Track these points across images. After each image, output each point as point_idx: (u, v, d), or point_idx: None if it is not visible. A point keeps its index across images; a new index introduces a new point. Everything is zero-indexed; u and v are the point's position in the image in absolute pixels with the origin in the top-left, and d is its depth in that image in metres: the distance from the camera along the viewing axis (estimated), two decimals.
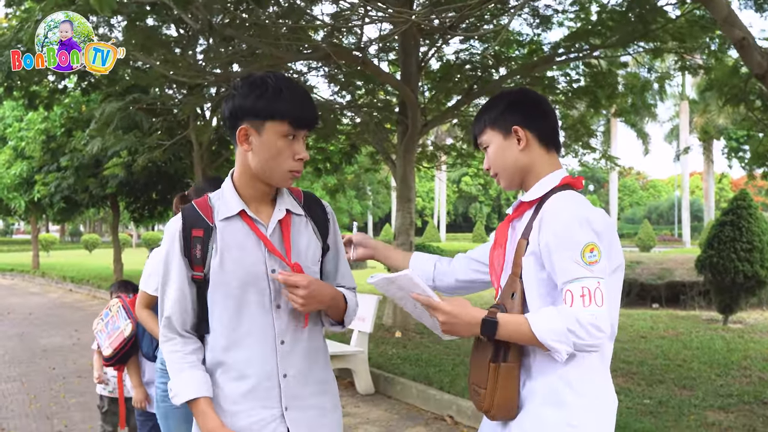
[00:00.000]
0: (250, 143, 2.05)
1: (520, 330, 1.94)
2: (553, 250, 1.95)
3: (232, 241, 2.08)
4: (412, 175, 10.54)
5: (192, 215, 2.13)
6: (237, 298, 2.07)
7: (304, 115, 2.06)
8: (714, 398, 6.28)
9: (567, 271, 1.92)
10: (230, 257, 2.07)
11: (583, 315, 1.86)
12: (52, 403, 6.84)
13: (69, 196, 18.37)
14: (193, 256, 2.09)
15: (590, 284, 1.89)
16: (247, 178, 2.12)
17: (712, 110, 36.22)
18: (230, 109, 2.07)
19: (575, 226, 1.94)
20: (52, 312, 14.78)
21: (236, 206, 2.10)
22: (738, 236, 10.60)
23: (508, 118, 2.15)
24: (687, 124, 40.86)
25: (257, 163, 2.07)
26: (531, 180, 2.16)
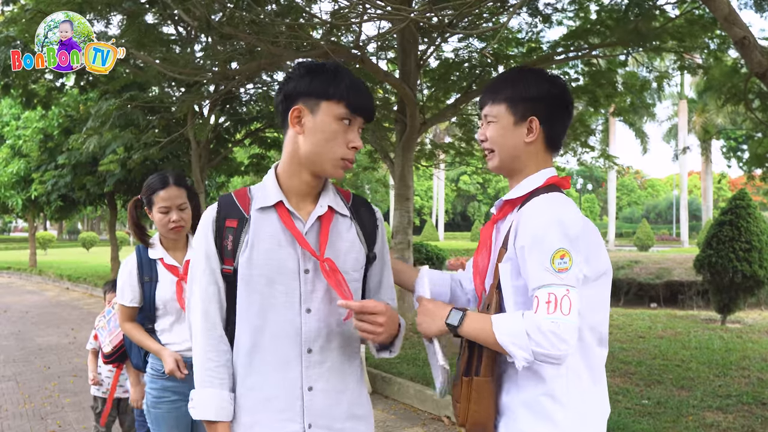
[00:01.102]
0: (303, 125, 1.93)
1: (483, 328, 1.86)
2: (527, 255, 1.86)
3: (265, 233, 1.94)
4: (410, 174, 10.51)
5: (228, 204, 2.00)
6: (263, 296, 1.93)
7: (361, 101, 1.94)
8: (712, 399, 6.25)
9: (536, 278, 1.83)
10: (260, 250, 1.92)
11: (544, 322, 1.76)
12: (47, 403, 6.80)
13: (66, 194, 18.36)
14: (224, 248, 1.95)
15: (558, 291, 1.79)
16: (294, 167, 1.98)
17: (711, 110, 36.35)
18: (285, 92, 1.96)
19: (547, 231, 1.84)
20: (48, 310, 14.74)
21: (274, 197, 1.97)
22: (737, 236, 10.58)
23: (530, 106, 2.03)
24: (686, 123, 40.86)
25: (308, 147, 1.93)
26: (520, 174, 2.06)
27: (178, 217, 3.20)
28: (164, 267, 3.24)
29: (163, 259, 3.25)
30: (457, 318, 1.92)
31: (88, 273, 20.17)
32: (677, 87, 38.94)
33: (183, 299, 3.16)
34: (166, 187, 3.19)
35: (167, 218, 3.19)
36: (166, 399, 3.19)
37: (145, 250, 3.28)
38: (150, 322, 3.23)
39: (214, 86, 12.32)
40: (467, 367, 1.95)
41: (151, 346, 3.19)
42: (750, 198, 11.12)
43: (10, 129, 21.01)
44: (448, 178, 67.91)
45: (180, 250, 3.32)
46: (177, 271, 3.23)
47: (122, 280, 3.26)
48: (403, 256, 10.16)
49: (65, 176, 17.26)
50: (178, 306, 3.18)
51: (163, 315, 3.22)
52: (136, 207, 3.36)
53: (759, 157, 9.08)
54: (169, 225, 3.19)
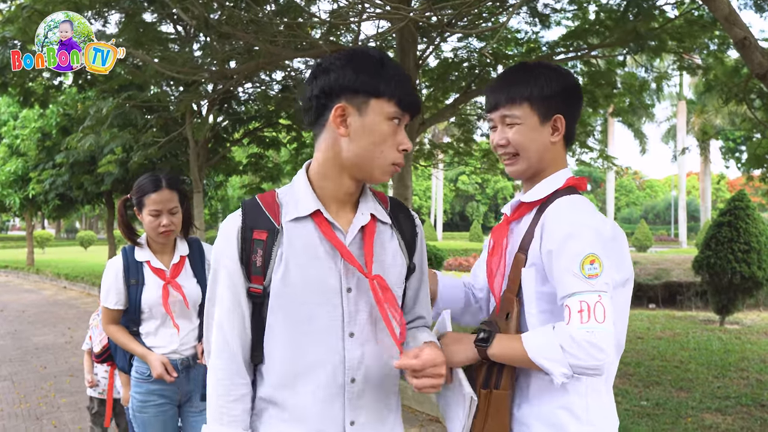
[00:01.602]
0: (348, 126, 1.67)
1: (513, 347, 1.77)
2: (554, 261, 1.77)
3: (301, 247, 1.69)
4: (409, 174, 10.45)
5: (254, 212, 1.73)
6: (300, 319, 1.68)
7: (411, 97, 1.71)
8: (711, 400, 6.23)
9: (565, 285, 1.73)
10: (297, 268, 1.68)
11: (579, 332, 1.66)
12: (42, 403, 6.76)
13: (64, 193, 18.33)
14: (251, 264, 1.69)
15: (590, 299, 1.69)
16: (334, 171, 1.73)
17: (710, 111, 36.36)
18: (322, 86, 1.69)
19: (576, 236, 1.75)
20: (45, 309, 14.69)
21: (311, 205, 1.72)
22: (735, 237, 10.56)
23: (554, 104, 1.93)
24: (684, 124, 40.86)
25: (355, 151, 1.69)
26: (541, 175, 1.97)
27: (169, 222, 3.14)
28: (151, 270, 3.18)
29: (150, 261, 3.19)
30: (488, 337, 1.83)
31: (85, 272, 20.13)
32: (676, 88, 38.97)
33: (169, 303, 3.12)
34: (159, 190, 3.12)
35: (157, 222, 3.13)
36: (152, 403, 3.16)
37: (131, 252, 3.22)
38: (135, 325, 3.19)
39: (212, 85, 12.30)
40: (486, 379, 1.86)
41: (137, 350, 3.14)
42: (749, 199, 11.10)
43: (8, 128, 20.98)
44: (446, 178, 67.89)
45: (168, 253, 3.26)
46: (164, 274, 3.18)
47: (107, 282, 3.19)
48: None
49: (63, 175, 17.23)
50: (163, 310, 3.13)
51: (148, 318, 3.17)
52: (126, 206, 3.31)
53: (758, 158, 9.06)
54: (159, 229, 3.13)
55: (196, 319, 3.24)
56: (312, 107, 1.72)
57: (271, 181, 16.82)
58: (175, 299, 3.15)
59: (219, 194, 22.04)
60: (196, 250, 3.33)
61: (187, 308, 3.18)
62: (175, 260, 3.22)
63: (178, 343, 3.16)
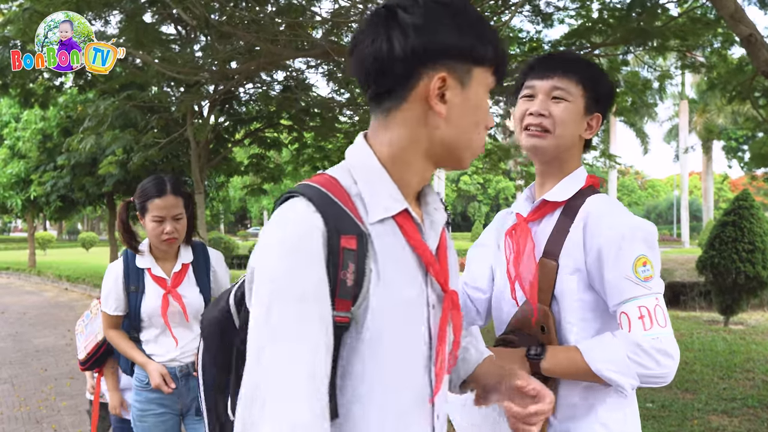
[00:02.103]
0: (446, 101, 1.24)
1: (570, 359, 1.65)
2: (605, 265, 1.67)
3: (391, 259, 1.23)
4: None
5: (332, 209, 1.20)
6: (396, 353, 1.23)
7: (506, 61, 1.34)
8: (717, 402, 6.17)
9: (619, 291, 1.64)
10: (390, 287, 1.22)
11: (645, 340, 1.58)
12: (43, 406, 6.71)
13: (65, 194, 18.32)
14: (339, 284, 1.17)
15: (648, 303, 1.61)
16: (418, 157, 1.29)
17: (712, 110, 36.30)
18: (416, 46, 1.20)
19: (627, 237, 1.67)
20: (46, 311, 14.65)
21: (398, 202, 1.27)
22: (740, 237, 10.50)
23: (600, 102, 1.85)
24: (686, 123, 40.78)
25: (453, 133, 1.27)
26: (560, 168, 1.84)
27: (172, 229, 2.99)
28: (151, 278, 3.06)
29: (150, 269, 3.07)
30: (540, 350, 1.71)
31: (87, 273, 20.08)
32: (678, 87, 38.90)
33: (167, 314, 3.03)
34: (163, 196, 2.97)
35: (161, 229, 2.98)
36: (152, 412, 3.08)
37: (132, 257, 3.10)
38: (135, 332, 3.10)
39: (213, 86, 12.25)
40: None
41: (137, 358, 3.06)
42: (753, 199, 11.03)
43: (10, 130, 20.97)
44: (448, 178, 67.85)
45: (170, 261, 3.13)
46: (165, 283, 3.06)
47: (107, 287, 3.09)
48: None
49: (64, 177, 17.21)
50: (162, 321, 3.03)
51: (147, 327, 3.08)
52: (128, 210, 3.18)
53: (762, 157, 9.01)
54: (162, 236, 2.99)
55: (197, 327, 3.14)
56: (392, 72, 1.23)
57: (273, 181, 16.79)
58: (174, 310, 3.04)
59: (220, 195, 22.00)
60: (201, 257, 3.19)
61: (187, 320, 3.08)
62: (176, 268, 3.09)
63: (178, 351, 3.07)
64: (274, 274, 1.14)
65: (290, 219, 1.18)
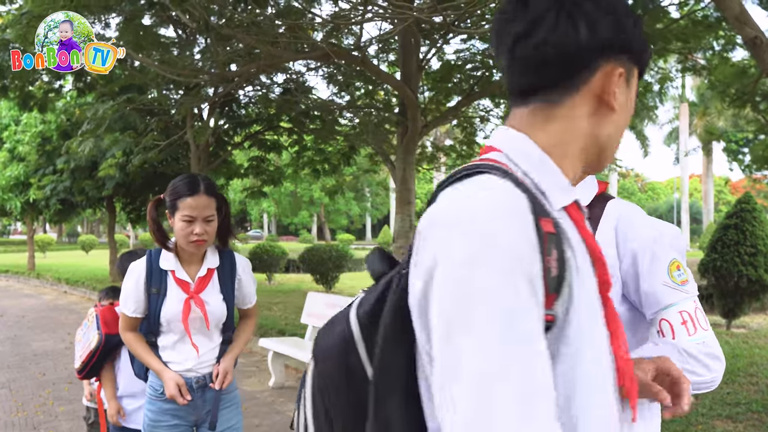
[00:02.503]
0: (616, 99, 1.13)
1: None
2: (640, 273, 1.60)
3: (577, 250, 1.06)
4: (412, 178, 10.38)
5: (527, 189, 1.01)
6: (597, 369, 1.03)
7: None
8: (721, 407, 6.11)
9: (656, 298, 1.57)
10: (585, 279, 1.04)
11: (692, 346, 1.51)
12: (40, 411, 6.64)
13: (65, 197, 18.28)
14: (546, 273, 0.94)
15: (688, 307, 1.56)
16: (576, 153, 1.15)
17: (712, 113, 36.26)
18: (602, 37, 1.10)
19: (659, 242, 1.61)
20: (45, 315, 14.57)
21: (570, 191, 1.13)
22: (742, 240, 10.43)
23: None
24: (687, 126, 40.80)
25: (611, 131, 1.17)
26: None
27: (202, 230, 2.81)
28: (175, 281, 2.90)
29: (174, 272, 2.92)
30: None
31: (86, 276, 20.02)
32: (678, 90, 38.91)
33: (188, 320, 2.89)
34: (195, 195, 2.80)
35: (190, 229, 2.81)
36: (165, 423, 2.94)
37: (156, 258, 2.94)
38: (153, 336, 2.95)
39: (213, 89, 12.21)
40: None
41: (153, 364, 2.90)
42: (755, 201, 10.96)
43: (9, 133, 20.95)
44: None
45: (195, 264, 2.96)
46: (188, 287, 2.90)
47: (128, 287, 2.93)
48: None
49: (64, 181, 17.18)
50: (182, 327, 2.89)
51: (166, 332, 2.93)
52: (157, 207, 3.01)
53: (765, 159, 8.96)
54: (190, 237, 2.82)
55: (218, 337, 3.00)
56: (572, 62, 1.11)
57: (272, 184, 16.75)
58: (195, 316, 2.90)
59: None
60: (228, 263, 3.03)
61: (207, 328, 2.94)
62: (201, 273, 2.94)
63: (195, 361, 2.93)
64: (487, 271, 0.88)
65: (496, 199, 0.95)
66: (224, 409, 3.02)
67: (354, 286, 17.99)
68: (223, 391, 3.00)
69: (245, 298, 3.12)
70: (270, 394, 7.23)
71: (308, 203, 62.78)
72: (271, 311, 12.35)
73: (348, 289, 16.94)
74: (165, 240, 2.96)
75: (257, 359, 9.07)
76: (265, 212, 69.91)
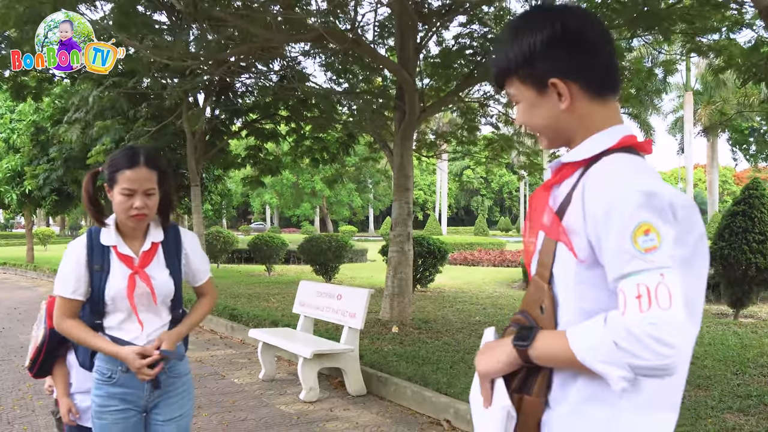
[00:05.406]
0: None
1: (557, 346, 1.43)
2: (601, 235, 1.39)
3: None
4: (410, 164, 10.11)
5: None
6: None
7: None
8: (732, 399, 5.82)
9: (617, 264, 1.36)
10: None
11: (637, 324, 1.30)
12: (17, 406, 6.35)
13: (60, 188, 18.08)
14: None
15: (649, 279, 1.32)
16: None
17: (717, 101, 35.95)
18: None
19: (623, 201, 1.37)
20: (37, 306, 14.27)
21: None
22: (750, 227, 10.13)
23: (541, 66, 1.53)
24: (691, 115, 40.37)
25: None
26: (580, 137, 1.57)
27: (142, 204, 2.66)
28: (117, 257, 2.72)
29: (116, 247, 2.73)
30: (527, 336, 1.49)
31: None
32: (683, 79, 38.60)
33: (134, 296, 2.69)
34: (134, 167, 2.64)
35: (129, 203, 2.65)
36: (113, 408, 2.73)
37: (97, 235, 2.75)
38: (98, 318, 2.73)
39: (208, 76, 11.96)
40: (521, 382, 1.54)
41: (103, 346, 2.68)
42: (764, 188, 10.64)
43: (4, 121, 20.73)
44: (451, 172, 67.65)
45: (138, 239, 2.79)
46: (132, 262, 2.72)
47: (67, 267, 2.72)
48: (402, 248, 9.77)
49: (57, 170, 16.95)
50: (128, 303, 2.69)
51: (112, 311, 2.72)
52: (95, 181, 2.82)
53: None
54: (130, 212, 2.66)
55: (167, 315, 2.82)
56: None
57: (270, 173, 16.51)
58: (142, 291, 2.72)
59: (219, 188, 21.72)
60: (173, 238, 2.87)
61: (155, 304, 2.75)
62: (145, 247, 2.77)
63: (144, 340, 2.73)
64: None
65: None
66: (175, 396, 2.85)
67: (354, 277, 17.75)
68: (173, 374, 2.83)
69: (195, 274, 2.95)
70: (259, 386, 6.97)
71: (310, 195, 62.62)
72: (269, 302, 12.10)
73: (348, 280, 16.69)
74: (100, 216, 2.77)
75: (249, 350, 8.81)
76: (268, 204, 69.74)
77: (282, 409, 6.15)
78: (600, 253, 1.41)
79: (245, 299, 12.50)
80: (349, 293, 6.93)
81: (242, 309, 10.77)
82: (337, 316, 6.87)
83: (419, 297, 12.95)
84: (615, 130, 1.55)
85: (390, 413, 6.07)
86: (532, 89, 1.57)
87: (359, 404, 6.36)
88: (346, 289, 7.16)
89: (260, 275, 18.56)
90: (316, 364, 6.43)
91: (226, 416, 5.91)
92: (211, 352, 8.84)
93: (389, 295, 9.78)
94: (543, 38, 1.52)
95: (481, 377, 1.58)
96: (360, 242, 32.01)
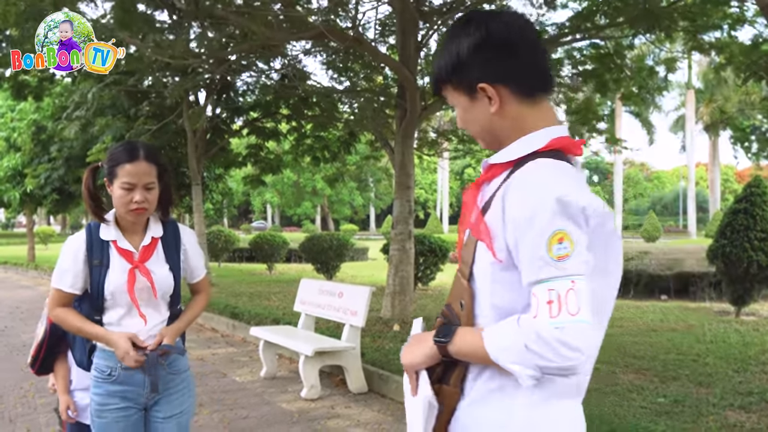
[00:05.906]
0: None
1: (473, 344, 1.50)
2: (519, 241, 1.45)
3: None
4: (411, 162, 10.10)
5: None
6: None
7: None
8: (733, 397, 5.81)
9: (531, 270, 1.43)
10: None
11: (546, 328, 1.38)
12: (19, 404, 6.35)
13: (61, 187, 18.07)
14: None
15: (560, 286, 1.39)
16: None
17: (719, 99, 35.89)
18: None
19: (540, 209, 1.41)
20: (38, 305, 14.23)
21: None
22: (752, 225, 10.12)
23: (469, 72, 1.58)
24: (693, 114, 40.37)
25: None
26: (512, 140, 1.60)
27: (142, 198, 2.66)
28: (117, 251, 2.71)
29: (116, 241, 2.73)
30: (447, 333, 1.57)
31: None
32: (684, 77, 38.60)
33: (135, 291, 2.68)
34: (134, 161, 2.64)
35: (129, 197, 2.65)
36: (113, 406, 2.71)
37: (96, 229, 2.75)
38: (98, 313, 2.72)
39: (209, 75, 11.96)
40: (442, 372, 1.62)
41: (93, 332, 2.68)
42: (765, 185, 10.63)
43: (5, 120, 20.73)
44: (452, 170, 67.61)
45: (138, 234, 2.78)
46: (131, 257, 2.71)
47: (66, 261, 2.72)
48: (403, 246, 9.77)
49: (58, 169, 16.95)
50: (128, 298, 2.68)
51: (111, 306, 2.71)
52: (95, 175, 2.83)
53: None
54: (130, 206, 2.66)
55: (166, 311, 2.81)
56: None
57: (272, 172, 16.50)
58: (142, 286, 2.71)
59: (220, 187, 21.71)
60: (171, 233, 2.88)
61: (155, 298, 2.75)
62: (145, 242, 2.77)
63: (144, 335, 2.72)
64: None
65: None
66: (175, 393, 2.83)
67: (355, 275, 17.75)
68: (173, 371, 2.81)
69: (193, 270, 2.96)
70: (261, 384, 6.97)
71: (311, 193, 62.59)
72: (270, 301, 12.09)
73: (349, 279, 16.69)
74: (100, 211, 2.77)
75: (250, 349, 8.81)
76: (269, 203, 69.72)
77: (283, 407, 6.15)
78: (516, 257, 1.46)
79: (246, 298, 12.50)
80: (351, 291, 6.93)
81: (243, 307, 10.78)
82: (339, 314, 6.87)
83: (420, 295, 12.94)
84: (545, 132, 1.58)
85: (391, 411, 6.08)
86: (464, 95, 1.62)
87: (360, 402, 6.36)
88: (347, 287, 7.16)
89: (261, 274, 18.55)
90: (317, 362, 6.43)
91: (227, 414, 5.92)
92: (213, 350, 8.85)
93: (390, 293, 9.78)
94: (469, 44, 1.57)
95: (406, 369, 1.66)
96: (361, 241, 32.02)
